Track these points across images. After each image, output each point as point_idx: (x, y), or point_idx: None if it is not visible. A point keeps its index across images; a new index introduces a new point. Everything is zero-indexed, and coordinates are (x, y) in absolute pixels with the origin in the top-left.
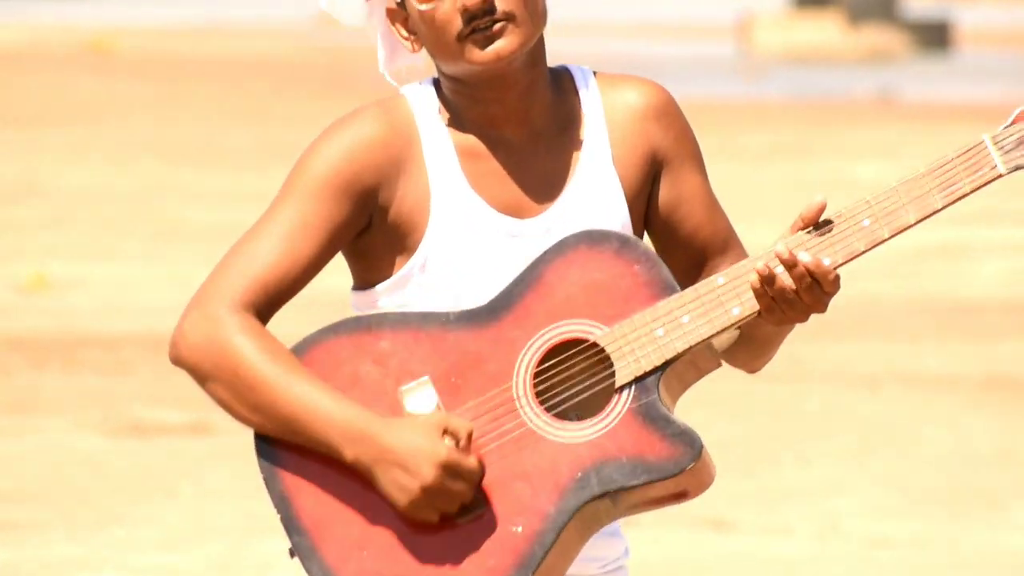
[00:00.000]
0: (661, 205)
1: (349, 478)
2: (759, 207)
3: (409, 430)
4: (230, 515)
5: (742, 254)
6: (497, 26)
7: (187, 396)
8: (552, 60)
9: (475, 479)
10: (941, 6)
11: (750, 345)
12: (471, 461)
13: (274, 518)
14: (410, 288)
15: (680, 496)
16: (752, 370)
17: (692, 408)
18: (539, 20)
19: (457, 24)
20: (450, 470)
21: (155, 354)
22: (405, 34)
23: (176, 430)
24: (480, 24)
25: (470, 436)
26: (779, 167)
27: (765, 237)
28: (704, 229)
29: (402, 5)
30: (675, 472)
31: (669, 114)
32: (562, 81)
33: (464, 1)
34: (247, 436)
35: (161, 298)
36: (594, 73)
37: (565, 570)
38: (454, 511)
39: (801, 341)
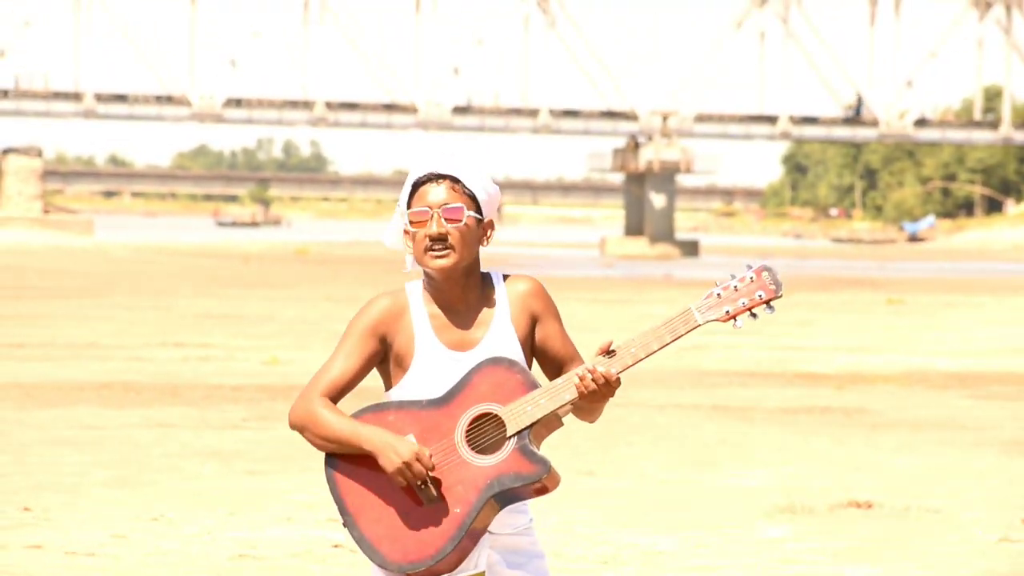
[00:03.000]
0: (537, 342)
1: (373, 472)
2: (600, 329)
3: (396, 439)
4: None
5: (580, 364)
6: (445, 251)
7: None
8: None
9: (428, 465)
10: (694, 234)
11: (582, 412)
12: (425, 454)
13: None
14: (404, 389)
15: (541, 491)
16: (590, 422)
17: None
18: (472, 250)
19: (425, 243)
20: (414, 456)
21: None
22: (410, 246)
23: None
24: (436, 246)
25: (423, 451)
26: (618, 309)
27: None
28: (560, 354)
29: (406, 228)
30: (536, 480)
31: (539, 294)
32: (487, 278)
33: (428, 233)
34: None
35: None
36: (504, 276)
37: (483, 531)
38: (418, 482)
39: None
